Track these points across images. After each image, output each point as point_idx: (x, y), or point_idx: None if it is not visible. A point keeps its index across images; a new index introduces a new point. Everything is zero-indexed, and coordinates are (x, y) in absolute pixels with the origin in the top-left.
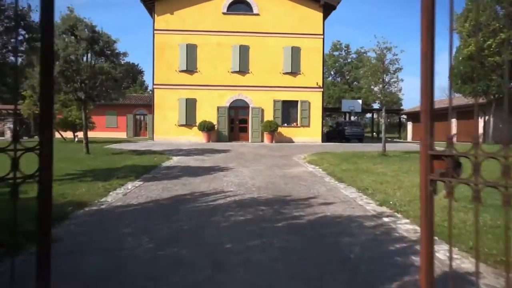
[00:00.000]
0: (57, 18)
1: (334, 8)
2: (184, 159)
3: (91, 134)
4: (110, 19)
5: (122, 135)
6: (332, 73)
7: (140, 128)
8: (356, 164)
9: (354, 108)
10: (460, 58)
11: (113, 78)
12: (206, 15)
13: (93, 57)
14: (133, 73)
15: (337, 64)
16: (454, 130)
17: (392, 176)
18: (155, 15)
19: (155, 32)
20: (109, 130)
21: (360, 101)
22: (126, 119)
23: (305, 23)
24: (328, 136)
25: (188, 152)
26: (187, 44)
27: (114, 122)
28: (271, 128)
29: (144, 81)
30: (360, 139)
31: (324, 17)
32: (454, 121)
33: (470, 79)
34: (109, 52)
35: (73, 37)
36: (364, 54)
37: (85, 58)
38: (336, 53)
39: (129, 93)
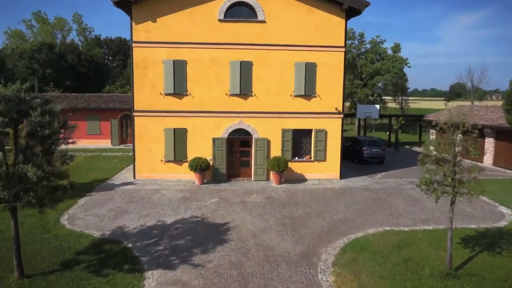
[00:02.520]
0: None
1: (359, 13)
2: None
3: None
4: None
5: (106, 142)
6: None
7: (126, 135)
8: None
9: (371, 114)
10: None
11: (49, 177)
12: (198, 22)
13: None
14: (125, 50)
15: (348, 54)
16: (491, 151)
17: None
18: (133, 23)
19: (133, 44)
20: (91, 138)
21: (378, 106)
22: (110, 124)
23: (323, 33)
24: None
25: (172, 246)
26: (174, 61)
27: (97, 128)
28: (279, 168)
29: None
30: (380, 161)
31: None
32: (491, 141)
33: None
34: (42, 135)
35: None
36: (380, 45)
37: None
38: (348, 41)
39: (115, 89)
